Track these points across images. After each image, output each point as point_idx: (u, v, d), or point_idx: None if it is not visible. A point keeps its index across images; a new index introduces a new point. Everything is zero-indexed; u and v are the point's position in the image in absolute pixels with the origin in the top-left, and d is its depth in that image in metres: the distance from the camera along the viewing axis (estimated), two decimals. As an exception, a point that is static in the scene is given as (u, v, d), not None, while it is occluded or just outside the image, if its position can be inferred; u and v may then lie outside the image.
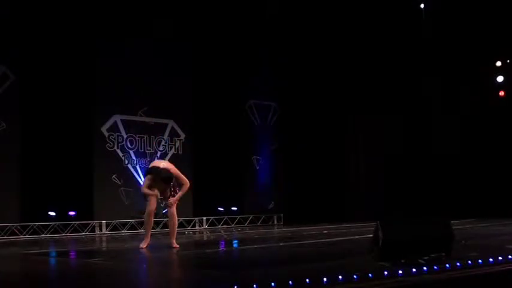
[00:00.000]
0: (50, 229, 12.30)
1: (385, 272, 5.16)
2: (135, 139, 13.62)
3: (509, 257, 5.98)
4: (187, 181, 8.63)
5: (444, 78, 16.73)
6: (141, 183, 13.61)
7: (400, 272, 5.17)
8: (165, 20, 13.62)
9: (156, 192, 8.58)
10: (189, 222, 14.07)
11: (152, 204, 8.59)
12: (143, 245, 8.62)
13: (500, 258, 5.93)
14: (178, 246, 8.60)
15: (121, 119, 13.42)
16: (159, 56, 13.87)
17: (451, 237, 6.31)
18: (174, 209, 8.58)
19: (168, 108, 14.02)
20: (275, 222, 15.77)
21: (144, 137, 13.75)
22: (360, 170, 16.96)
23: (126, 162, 13.44)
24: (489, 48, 16.17)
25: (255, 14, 14.86)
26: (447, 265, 5.54)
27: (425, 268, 5.35)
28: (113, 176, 13.15)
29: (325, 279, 4.83)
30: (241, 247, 9.57)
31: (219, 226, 14.64)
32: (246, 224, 14.97)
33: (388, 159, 16.76)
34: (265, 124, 16.04)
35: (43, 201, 12.24)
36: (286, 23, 15.31)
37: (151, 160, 13.76)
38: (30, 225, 12.08)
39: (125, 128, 13.44)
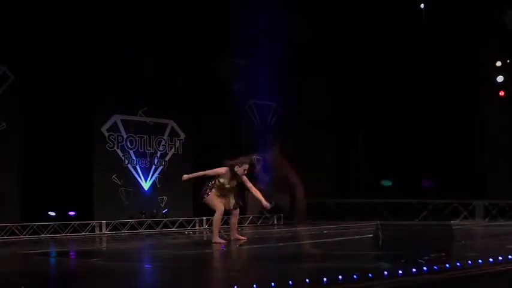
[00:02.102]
0: (50, 229, 12.28)
1: (385, 272, 5.16)
2: (135, 139, 13.61)
3: (509, 257, 5.98)
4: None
5: (443, 78, 16.72)
6: (142, 183, 13.70)
7: (400, 272, 5.17)
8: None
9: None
10: (189, 222, 14.06)
11: (220, 208, 9.15)
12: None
13: (500, 258, 5.93)
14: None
15: (121, 119, 13.41)
16: (159, 56, 13.84)
17: (451, 237, 6.32)
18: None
19: (168, 108, 14.01)
20: (275, 222, 15.76)
21: (144, 137, 13.75)
22: (360, 170, 16.95)
23: (126, 162, 13.43)
24: (489, 48, 16.15)
25: (255, 14, 14.83)
26: (447, 265, 5.55)
27: (425, 268, 5.35)
28: (113, 176, 13.15)
29: (325, 279, 4.83)
30: (241, 247, 9.56)
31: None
32: (246, 224, 14.95)
33: (388, 159, 16.75)
34: (265, 124, 16.02)
35: (43, 201, 12.24)
36: (286, 23, 15.29)
37: (151, 160, 13.78)
38: (30, 225, 12.07)
39: (125, 128, 13.43)
